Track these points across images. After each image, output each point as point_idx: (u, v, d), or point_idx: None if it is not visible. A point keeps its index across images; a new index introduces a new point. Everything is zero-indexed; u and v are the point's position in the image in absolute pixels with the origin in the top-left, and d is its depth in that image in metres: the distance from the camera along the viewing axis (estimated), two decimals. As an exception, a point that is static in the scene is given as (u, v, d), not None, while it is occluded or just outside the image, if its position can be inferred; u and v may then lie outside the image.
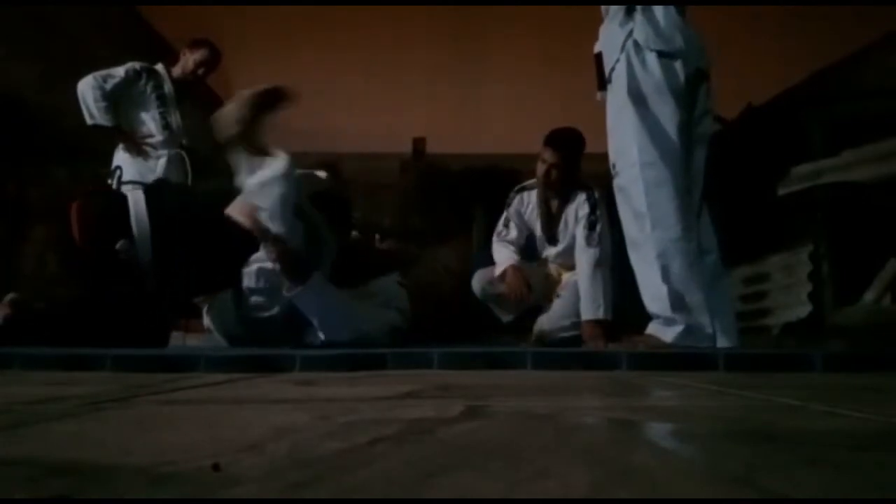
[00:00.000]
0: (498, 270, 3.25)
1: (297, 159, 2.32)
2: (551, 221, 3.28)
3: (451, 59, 6.11)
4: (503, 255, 3.28)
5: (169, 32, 5.56)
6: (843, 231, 3.62)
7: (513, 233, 3.35)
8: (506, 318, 3.33)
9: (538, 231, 3.33)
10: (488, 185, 4.81)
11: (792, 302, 3.83)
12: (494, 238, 3.39)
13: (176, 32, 5.58)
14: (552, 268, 3.33)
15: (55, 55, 4.33)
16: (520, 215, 3.37)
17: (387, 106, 6.01)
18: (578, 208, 3.18)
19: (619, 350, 1.92)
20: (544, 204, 3.29)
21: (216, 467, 0.48)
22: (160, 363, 1.60)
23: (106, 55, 3.80)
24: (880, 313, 3.39)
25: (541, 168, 3.19)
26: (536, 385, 1.24)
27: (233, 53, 6.01)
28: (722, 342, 2.14)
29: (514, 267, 3.20)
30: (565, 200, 3.23)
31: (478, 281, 3.33)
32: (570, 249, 3.20)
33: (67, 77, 3.52)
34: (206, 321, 2.62)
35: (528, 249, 3.38)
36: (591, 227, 3.06)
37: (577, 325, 2.98)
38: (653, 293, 2.18)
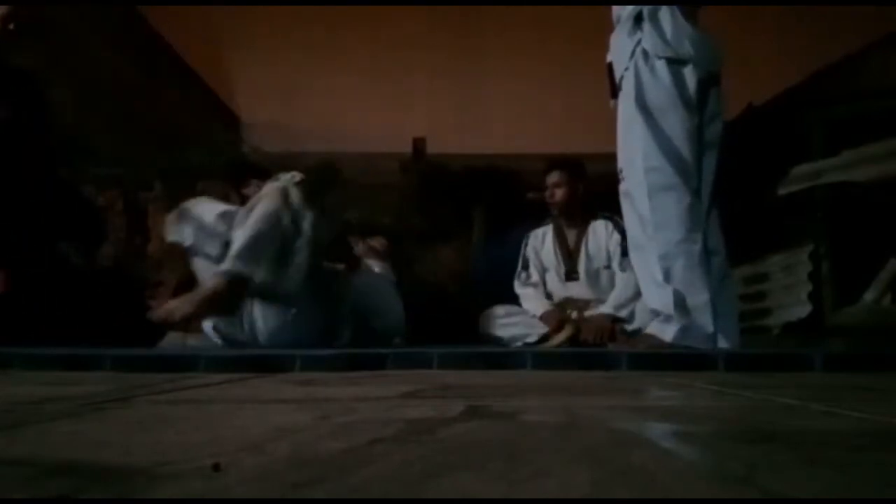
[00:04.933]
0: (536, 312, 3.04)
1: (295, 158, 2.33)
2: (570, 256, 3.11)
3: (451, 59, 6.10)
4: (533, 303, 3.08)
5: (169, 32, 5.55)
6: (843, 231, 3.62)
7: (534, 276, 3.18)
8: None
9: (554, 269, 3.14)
10: (488, 185, 4.80)
11: (792, 302, 3.83)
12: (516, 283, 3.21)
13: (176, 32, 5.58)
14: (569, 311, 3.03)
15: (55, 55, 4.33)
16: (536, 253, 3.21)
17: (387, 106, 6.00)
18: (608, 240, 3.01)
19: (619, 350, 1.92)
20: (561, 236, 3.14)
21: (216, 467, 0.48)
22: (160, 363, 1.60)
23: (107, 55, 3.79)
24: (880, 313, 3.39)
25: (547, 194, 3.12)
26: (536, 385, 1.24)
27: (233, 53, 6.03)
28: (722, 343, 2.14)
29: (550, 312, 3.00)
30: (583, 232, 3.07)
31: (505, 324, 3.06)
32: (592, 284, 3.00)
33: (67, 77, 3.52)
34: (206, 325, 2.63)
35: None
36: (624, 252, 2.87)
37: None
38: (654, 293, 2.19)
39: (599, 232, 3.07)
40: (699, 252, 2.17)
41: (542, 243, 3.22)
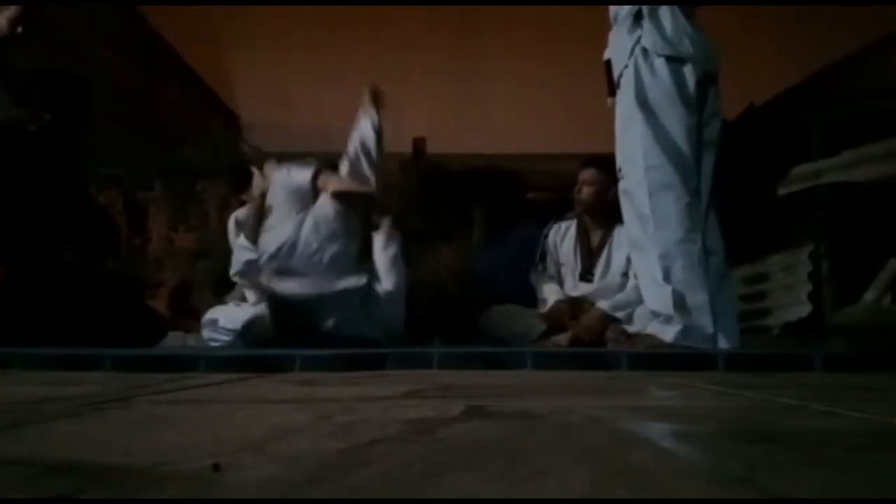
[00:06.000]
0: (545, 306, 2.95)
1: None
2: (590, 255, 3.01)
3: (451, 59, 6.10)
4: (547, 289, 2.99)
5: (169, 32, 5.55)
6: (843, 231, 3.62)
7: (550, 269, 3.09)
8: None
9: (569, 266, 3.05)
10: (488, 185, 4.80)
11: (792, 302, 3.82)
12: (532, 274, 3.13)
13: (176, 32, 5.58)
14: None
15: (55, 55, 4.33)
16: (555, 246, 3.11)
17: (387, 106, 6.00)
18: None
19: (619, 350, 1.92)
20: (584, 234, 3.04)
21: (216, 467, 0.48)
22: (160, 363, 1.60)
23: (107, 55, 3.78)
24: (880, 313, 3.39)
25: (575, 189, 3.02)
26: (536, 385, 1.24)
27: (233, 53, 6.03)
28: (722, 343, 2.14)
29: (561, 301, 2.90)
30: (608, 235, 2.98)
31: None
32: (605, 290, 2.88)
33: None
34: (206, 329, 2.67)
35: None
36: None
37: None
38: (654, 293, 2.19)
39: (625, 239, 2.89)
40: (698, 252, 2.17)
41: (562, 238, 3.13)
